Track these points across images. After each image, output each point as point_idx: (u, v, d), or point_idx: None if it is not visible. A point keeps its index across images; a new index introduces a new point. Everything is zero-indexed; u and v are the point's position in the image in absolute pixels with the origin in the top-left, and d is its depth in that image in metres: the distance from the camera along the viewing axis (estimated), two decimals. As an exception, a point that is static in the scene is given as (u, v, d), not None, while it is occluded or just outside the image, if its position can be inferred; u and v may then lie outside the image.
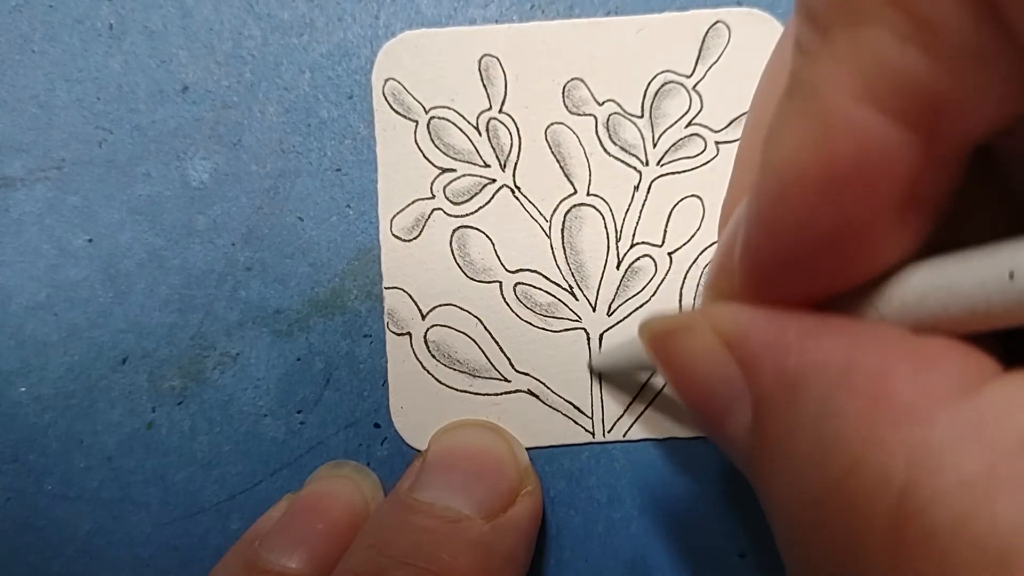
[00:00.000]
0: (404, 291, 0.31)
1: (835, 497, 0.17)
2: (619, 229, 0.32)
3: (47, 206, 0.30)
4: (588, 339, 0.31)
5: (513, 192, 0.31)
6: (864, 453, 0.17)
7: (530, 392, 0.31)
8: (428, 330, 0.31)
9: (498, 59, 0.32)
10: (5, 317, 0.30)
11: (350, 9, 0.31)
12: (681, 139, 0.32)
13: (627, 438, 0.31)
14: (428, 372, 0.31)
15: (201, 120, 0.31)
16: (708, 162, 0.32)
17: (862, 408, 0.17)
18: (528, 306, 0.31)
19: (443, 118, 0.32)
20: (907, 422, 0.16)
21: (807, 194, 0.17)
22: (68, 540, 0.30)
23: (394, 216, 0.31)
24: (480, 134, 0.32)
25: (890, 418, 0.17)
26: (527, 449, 0.31)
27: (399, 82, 0.31)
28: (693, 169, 0.32)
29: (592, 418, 0.31)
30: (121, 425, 0.30)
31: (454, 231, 0.31)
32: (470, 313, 0.31)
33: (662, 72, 0.32)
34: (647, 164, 0.32)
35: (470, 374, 0.31)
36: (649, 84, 0.32)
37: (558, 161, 0.32)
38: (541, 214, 0.31)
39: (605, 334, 0.31)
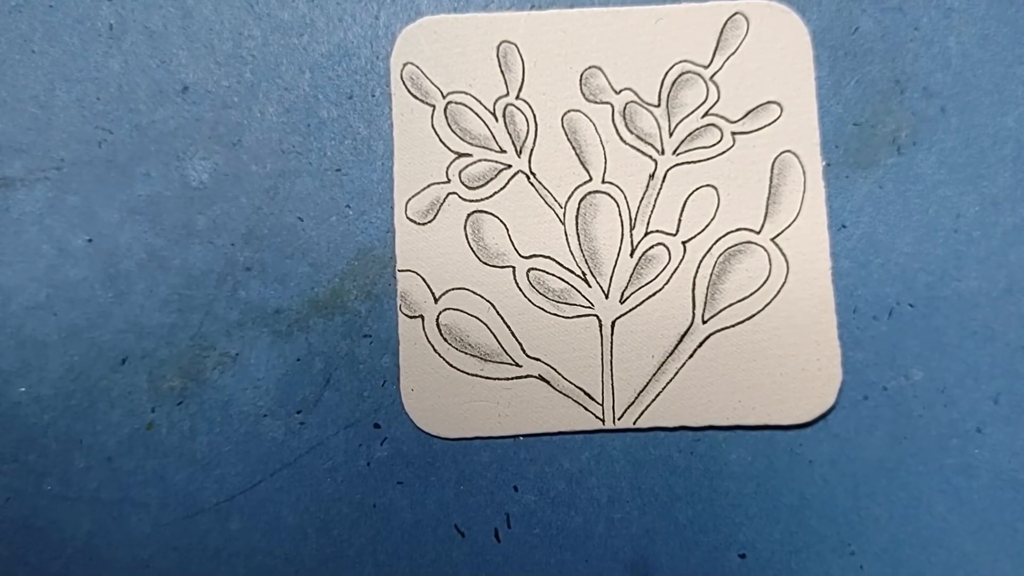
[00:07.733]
0: (417, 274, 0.31)
1: None
2: (633, 217, 0.31)
3: (47, 206, 0.31)
4: (600, 326, 0.31)
5: (528, 178, 0.31)
6: None
7: (541, 377, 0.31)
8: (440, 313, 0.31)
9: (516, 45, 0.32)
10: (5, 317, 0.30)
11: (350, 9, 0.31)
12: (697, 129, 0.32)
13: (637, 426, 0.30)
14: (439, 355, 0.31)
15: (201, 120, 0.31)
16: (724, 152, 0.32)
17: None
18: (541, 292, 0.31)
19: (460, 103, 0.32)
20: None
21: None
22: (68, 540, 0.30)
23: (409, 199, 0.31)
24: (497, 120, 0.32)
25: None
26: (535, 435, 0.31)
27: (417, 66, 0.32)
28: (709, 159, 0.32)
29: (603, 405, 0.31)
30: (121, 425, 0.30)
31: (469, 215, 0.31)
32: (483, 297, 0.31)
33: (680, 62, 0.32)
34: (663, 153, 0.32)
35: (481, 358, 0.31)
36: (667, 74, 0.32)
37: (574, 148, 0.32)
38: (556, 200, 0.31)
39: (617, 321, 0.31)
